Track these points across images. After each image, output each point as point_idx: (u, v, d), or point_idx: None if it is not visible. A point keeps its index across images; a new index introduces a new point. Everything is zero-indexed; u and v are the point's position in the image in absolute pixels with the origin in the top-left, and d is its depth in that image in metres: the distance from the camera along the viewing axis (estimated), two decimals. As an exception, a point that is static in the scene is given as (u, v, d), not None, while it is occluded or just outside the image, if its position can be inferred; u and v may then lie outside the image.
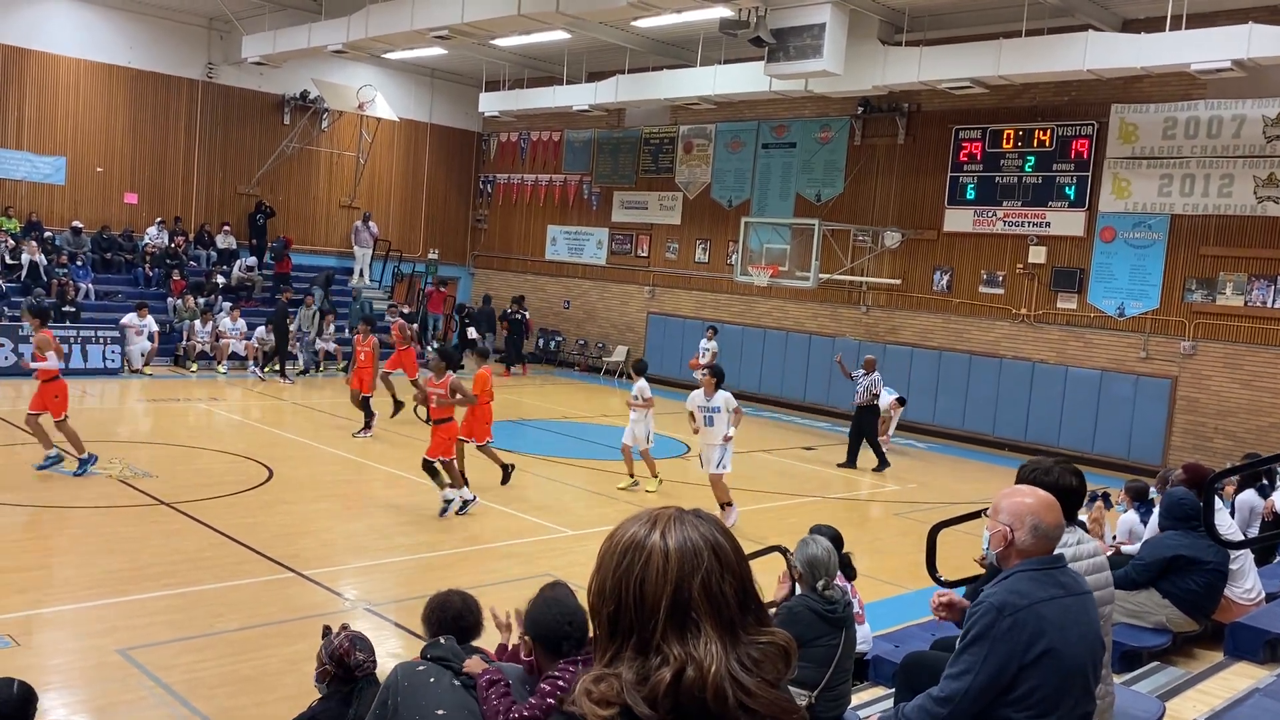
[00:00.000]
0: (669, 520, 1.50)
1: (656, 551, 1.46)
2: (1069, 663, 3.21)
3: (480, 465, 12.36)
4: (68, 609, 7.54)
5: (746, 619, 1.47)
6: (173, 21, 23.22)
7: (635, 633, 1.44)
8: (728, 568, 1.47)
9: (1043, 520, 3.37)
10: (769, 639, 1.47)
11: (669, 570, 1.44)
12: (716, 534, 1.50)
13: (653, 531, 1.48)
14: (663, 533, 1.48)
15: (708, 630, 1.42)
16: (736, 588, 1.47)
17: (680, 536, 1.47)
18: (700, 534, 1.48)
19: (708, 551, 1.47)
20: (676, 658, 1.40)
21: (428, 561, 9.52)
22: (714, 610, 1.44)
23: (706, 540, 1.48)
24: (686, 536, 1.47)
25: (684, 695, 1.40)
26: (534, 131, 27.41)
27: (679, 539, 1.47)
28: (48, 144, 22.05)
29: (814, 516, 10.50)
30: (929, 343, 19.75)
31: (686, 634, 1.42)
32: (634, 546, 1.48)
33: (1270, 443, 15.03)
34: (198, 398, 17.72)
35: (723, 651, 1.42)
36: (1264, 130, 15.77)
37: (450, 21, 17.44)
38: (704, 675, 1.39)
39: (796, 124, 21.78)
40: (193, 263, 23.23)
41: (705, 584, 1.44)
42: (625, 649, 1.45)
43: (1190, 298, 16.73)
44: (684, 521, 1.50)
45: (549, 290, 27.10)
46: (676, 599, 1.43)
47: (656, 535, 1.48)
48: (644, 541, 1.48)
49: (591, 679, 1.44)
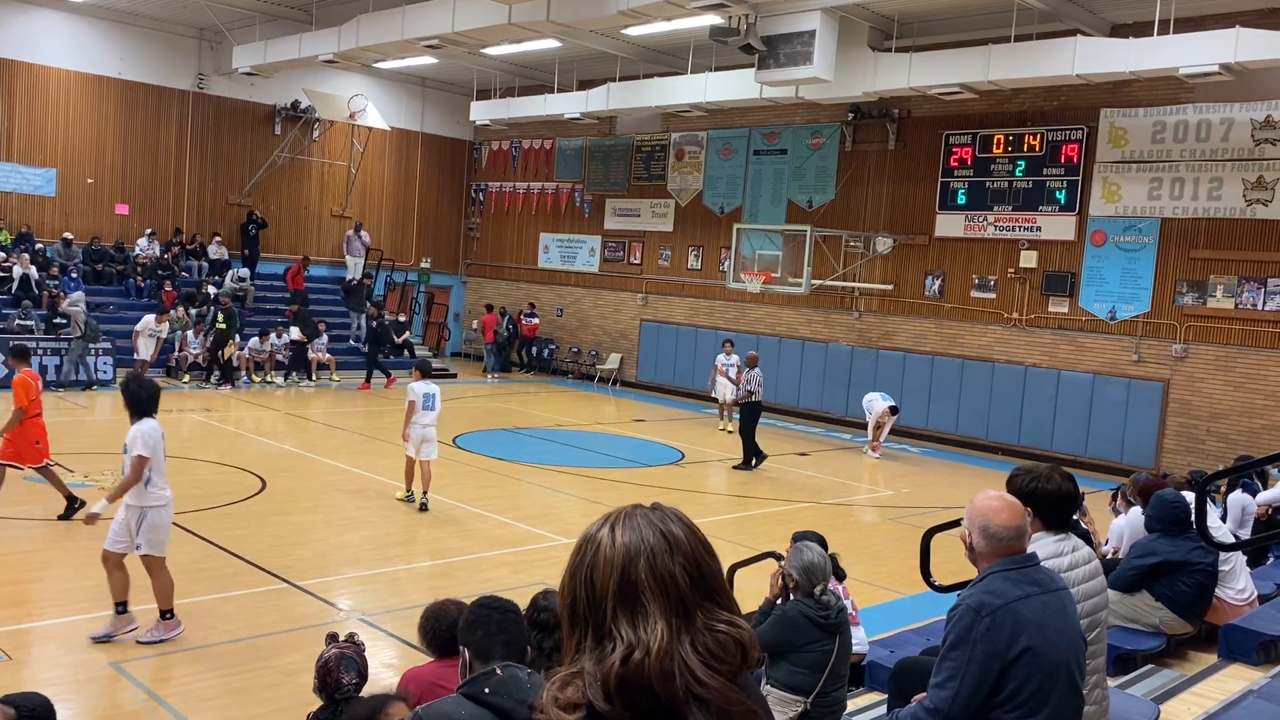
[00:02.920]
0: (621, 515, 1.56)
1: (605, 541, 1.52)
2: (1050, 659, 3.22)
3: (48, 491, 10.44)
4: (61, 622, 7.51)
5: (703, 601, 1.49)
6: (163, 32, 23.21)
7: (590, 622, 1.49)
8: (677, 549, 1.51)
9: (991, 521, 3.38)
10: (727, 629, 1.49)
11: (615, 556, 1.50)
12: (669, 521, 1.55)
13: (604, 526, 1.55)
14: (613, 526, 1.54)
15: (655, 612, 1.45)
16: (688, 569, 1.50)
17: (628, 525, 1.53)
18: (650, 521, 1.54)
19: (655, 535, 1.52)
20: (625, 640, 1.44)
21: (422, 571, 9.50)
22: (661, 591, 1.47)
23: (656, 527, 1.53)
24: (635, 525, 1.53)
25: (631, 679, 1.42)
26: (525, 140, 27.43)
27: (627, 528, 1.53)
28: (38, 155, 22.01)
29: (808, 522, 10.51)
30: (922, 347, 19.78)
31: (635, 617, 1.46)
32: (587, 541, 1.55)
33: (1262, 444, 15.08)
34: (190, 408, 17.68)
35: (670, 632, 1.44)
36: (1252, 133, 15.85)
37: (441, 31, 17.47)
38: (649, 655, 1.42)
39: (787, 131, 21.84)
40: (184, 274, 23.19)
41: (651, 564, 1.48)
42: (585, 640, 1.49)
43: (1181, 301, 16.79)
44: (635, 514, 1.56)
45: (542, 298, 27.09)
46: (624, 581, 1.48)
47: (607, 528, 1.54)
48: (595, 535, 1.54)
49: (558, 685, 1.46)
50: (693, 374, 23.26)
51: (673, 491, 13.45)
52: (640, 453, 16.56)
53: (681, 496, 13.21)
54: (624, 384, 24.81)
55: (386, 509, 11.70)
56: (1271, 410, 15.80)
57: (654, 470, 15.17)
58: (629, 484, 13.93)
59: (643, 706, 1.41)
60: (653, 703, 1.41)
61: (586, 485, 13.74)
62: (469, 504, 12.07)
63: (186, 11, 22.26)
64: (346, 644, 4.22)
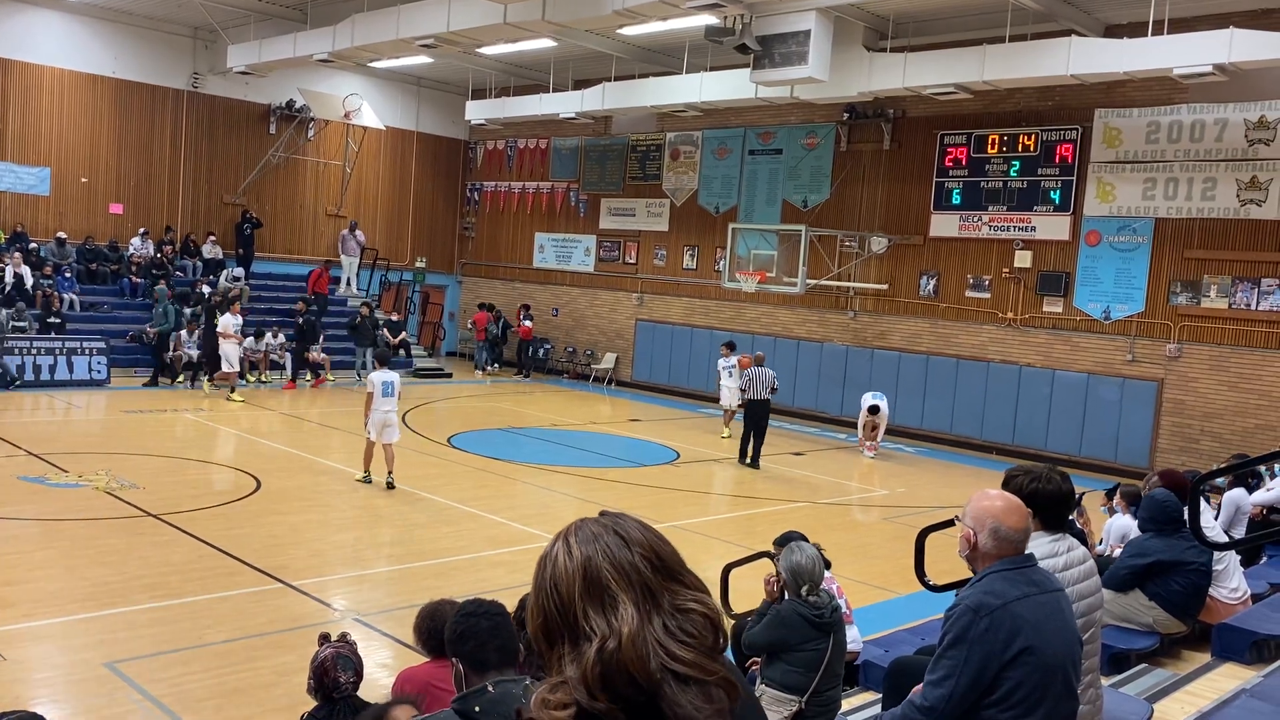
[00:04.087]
0: (571, 528, 1.59)
1: (561, 554, 1.55)
2: (1048, 659, 3.23)
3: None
4: (54, 622, 7.49)
5: (668, 583, 1.52)
6: (158, 31, 23.17)
7: (564, 630, 1.50)
8: (633, 542, 1.54)
9: (1003, 523, 3.38)
10: (695, 605, 1.51)
11: (572, 559, 1.52)
12: (619, 521, 1.58)
13: (557, 542, 1.58)
14: (565, 539, 1.57)
15: (624, 600, 1.48)
16: (646, 556, 1.53)
17: (580, 535, 1.56)
18: (600, 525, 1.57)
19: (609, 534, 1.55)
20: (599, 631, 1.46)
21: (417, 571, 9.49)
22: (626, 580, 1.50)
23: (606, 528, 1.56)
24: (586, 532, 1.56)
25: (609, 670, 1.43)
26: (521, 139, 27.42)
27: (580, 539, 1.55)
28: (32, 155, 21.96)
29: (803, 522, 10.53)
30: (916, 347, 19.81)
31: (605, 609, 1.48)
32: (544, 560, 1.57)
33: (1256, 444, 15.12)
34: (184, 408, 17.65)
35: (640, 615, 1.46)
36: (1246, 134, 15.89)
37: (436, 30, 17.45)
38: (621, 640, 1.44)
39: (783, 130, 21.85)
40: (179, 273, 23.15)
41: (610, 558, 1.51)
42: (565, 651, 1.50)
43: (1175, 300, 16.83)
44: (585, 524, 1.59)
45: (537, 298, 27.08)
46: (587, 581, 1.50)
47: (560, 543, 1.57)
48: (551, 552, 1.57)
49: (547, 689, 1.47)
50: (688, 374, 23.27)
51: (668, 491, 13.45)
52: (636, 452, 16.57)
53: (677, 496, 13.22)
54: (619, 384, 24.82)
55: (382, 509, 11.69)
56: (1265, 410, 15.84)
57: (649, 470, 15.17)
58: (624, 484, 13.94)
59: (625, 695, 1.43)
60: (633, 689, 1.43)
61: (582, 485, 13.73)
62: (464, 503, 12.07)
63: (181, 10, 22.21)
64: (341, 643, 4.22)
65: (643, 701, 1.43)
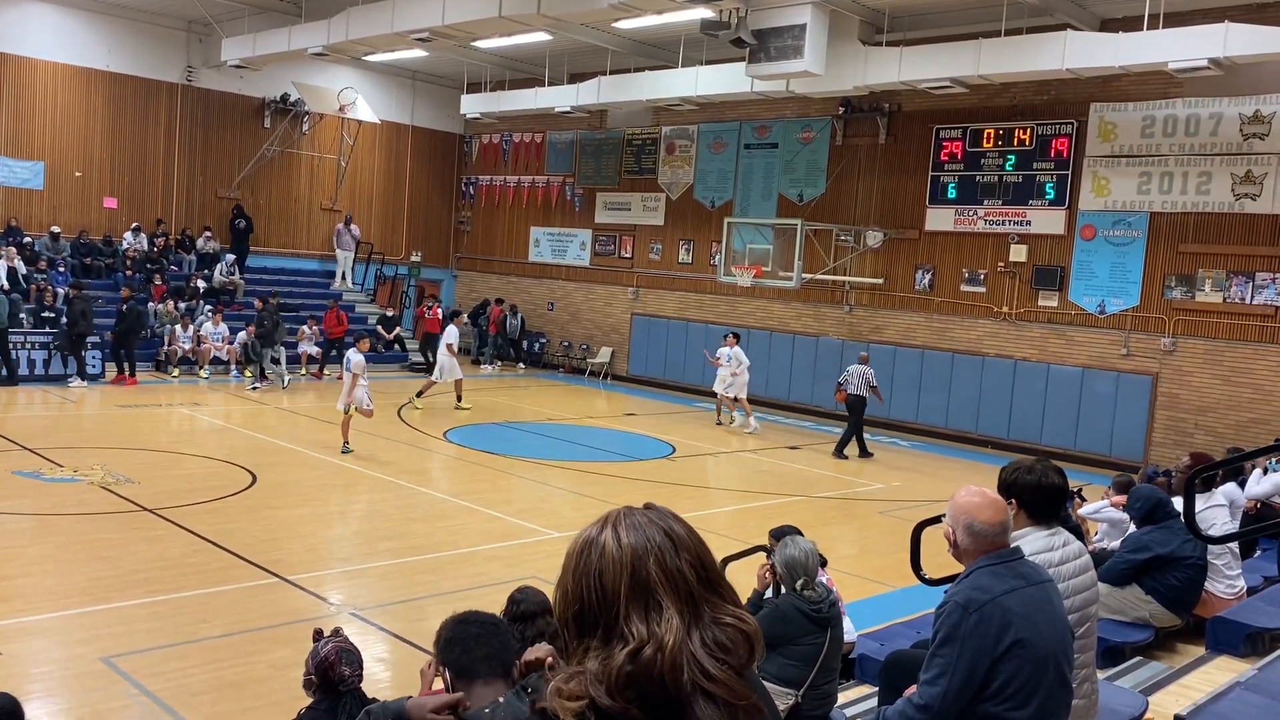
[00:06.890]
0: (618, 516, 1.56)
1: (609, 543, 1.51)
2: (1039, 651, 3.24)
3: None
4: (50, 617, 7.49)
5: (710, 595, 1.50)
6: (151, 25, 23.07)
7: (600, 625, 1.48)
8: (682, 546, 1.52)
9: (976, 519, 3.39)
10: (734, 622, 1.50)
11: (623, 556, 1.49)
12: (668, 520, 1.56)
13: (605, 528, 1.54)
14: (614, 526, 1.53)
15: (669, 606, 1.46)
16: (693, 564, 1.51)
17: (630, 525, 1.53)
18: (650, 520, 1.54)
19: (660, 534, 1.52)
20: (636, 636, 1.43)
21: (413, 565, 9.49)
22: (672, 586, 1.48)
23: (657, 525, 1.53)
24: (636, 524, 1.53)
25: (641, 675, 1.41)
26: (516, 133, 27.38)
27: (629, 528, 1.52)
28: (25, 149, 21.87)
29: (799, 516, 10.54)
30: (912, 341, 19.83)
31: (649, 613, 1.46)
32: (588, 545, 1.54)
33: (1250, 437, 15.17)
34: (179, 402, 17.62)
35: (683, 626, 1.45)
36: (1241, 128, 15.91)
37: (431, 23, 17.41)
38: (662, 649, 1.42)
39: (778, 124, 21.84)
40: (174, 267, 23.09)
41: (660, 562, 1.49)
42: (593, 645, 1.48)
43: (1170, 294, 16.86)
44: (633, 513, 1.56)
45: (533, 292, 27.07)
46: (634, 581, 1.47)
47: (609, 531, 1.53)
48: (597, 538, 1.53)
49: (563, 678, 1.46)
50: (684, 367, 23.27)
51: (665, 485, 13.47)
52: (631, 446, 16.57)
53: (673, 490, 13.23)
54: (615, 378, 24.82)
55: (378, 503, 11.69)
56: (1259, 404, 15.88)
57: (645, 464, 15.18)
58: (621, 478, 13.94)
59: (651, 700, 1.41)
60: (661, 696, 1.42)
61: (578, 479, 13.74)
62: (460, 498, 12.07)
63: (175, 4, 22.13)
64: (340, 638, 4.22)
65: (664, 707, 1.42)
